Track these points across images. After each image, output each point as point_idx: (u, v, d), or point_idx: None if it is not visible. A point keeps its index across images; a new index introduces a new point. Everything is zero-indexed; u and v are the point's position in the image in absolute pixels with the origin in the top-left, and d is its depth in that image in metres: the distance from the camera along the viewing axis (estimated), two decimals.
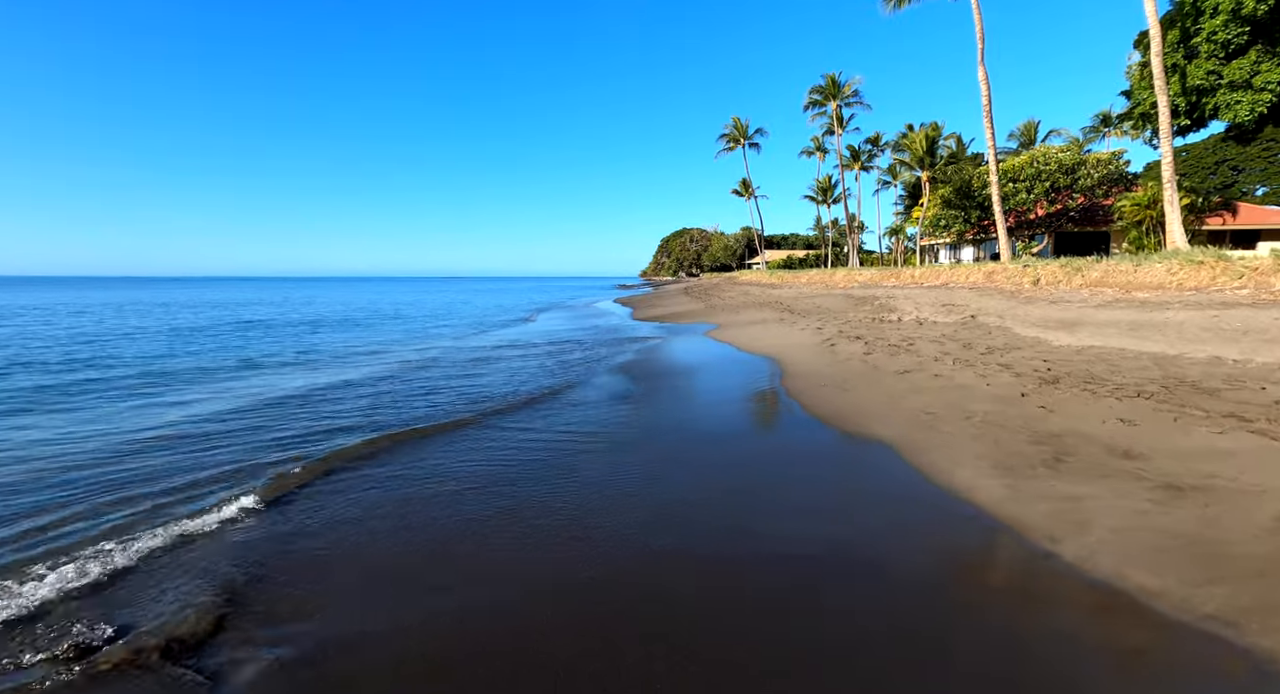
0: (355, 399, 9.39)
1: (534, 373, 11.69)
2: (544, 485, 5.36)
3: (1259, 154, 58.56)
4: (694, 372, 11.38)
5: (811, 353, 11.32)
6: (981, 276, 18.19)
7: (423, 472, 5.76)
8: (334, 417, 8.16)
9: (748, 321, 18.18)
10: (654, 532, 4.35)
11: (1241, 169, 59.87)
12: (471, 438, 6.98)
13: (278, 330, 22.23)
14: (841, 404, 7.66)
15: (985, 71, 20.91)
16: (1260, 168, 58.72)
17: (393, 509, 4.85)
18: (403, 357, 14.74)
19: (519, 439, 6.85)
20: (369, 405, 8.88)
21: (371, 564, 3.94)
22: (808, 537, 4.20)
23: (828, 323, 14.54)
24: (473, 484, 5.38)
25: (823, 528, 4.36)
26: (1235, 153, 59.49)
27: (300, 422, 7.85)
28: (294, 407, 8.85)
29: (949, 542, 4.10)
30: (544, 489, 5.26)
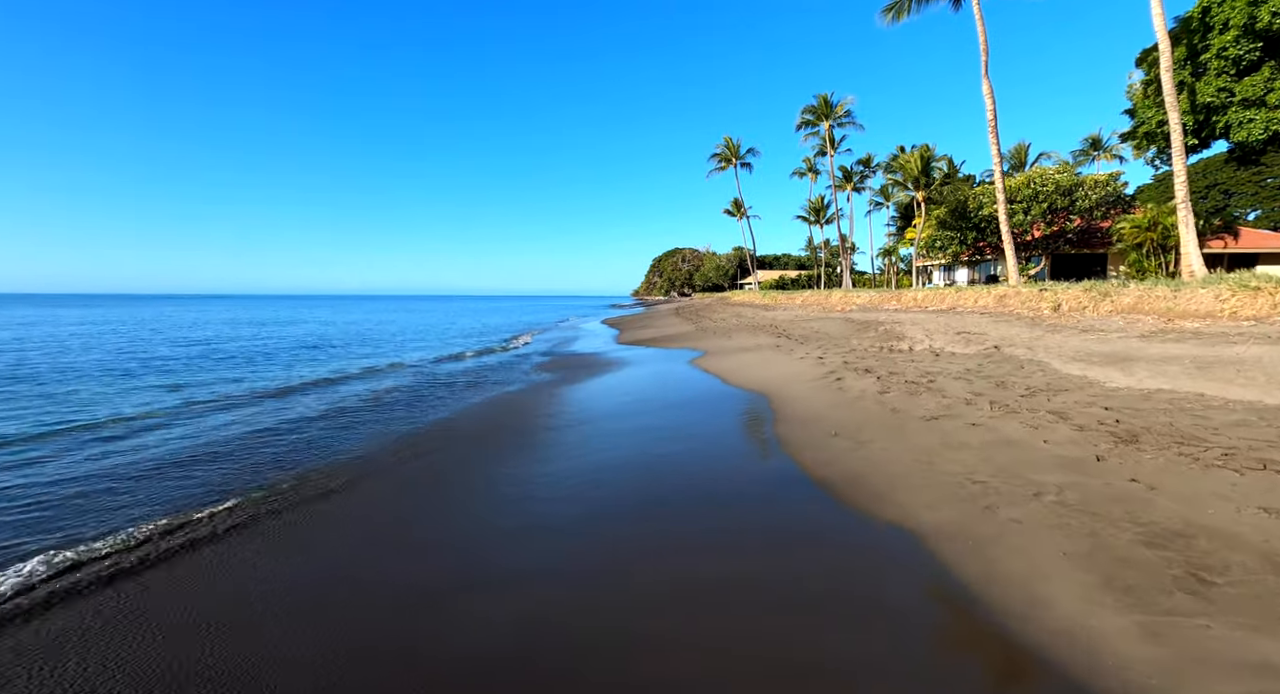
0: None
1: (467, 418, 9.91)
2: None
3: (1249, 178, 58.68)
4: (666, 412, 9.48)
5: (814, 389, 9.68)
6: (992, 300, 16.77)
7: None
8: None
9: (739, 347, 16.57)
10: None
11: (1233, 193, 59.81)
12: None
13: (199, 361, 20.32)
14: (857, 464, 5.99)
15: (990, 85, 19.86)
16: (1251, 192, 58.77)
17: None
18: (350, 392, 12.94)
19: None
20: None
21: None
22: None
23: (829, 351, 12.94)
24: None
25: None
26: (1226, 177, 59.54)
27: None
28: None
29: None
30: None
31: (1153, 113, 24.30)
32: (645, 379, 13.21)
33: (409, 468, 7.02)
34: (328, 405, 10.74)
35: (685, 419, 8.89)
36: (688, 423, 8.64)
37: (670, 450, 7.23)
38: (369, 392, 12.26)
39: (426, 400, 11.33)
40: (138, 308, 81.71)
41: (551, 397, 11.36)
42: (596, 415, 9.56)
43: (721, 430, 8.15)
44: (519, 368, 16.26)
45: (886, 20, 22.41)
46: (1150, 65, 24.22)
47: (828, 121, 53.82)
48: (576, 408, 10.20)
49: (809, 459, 6.36)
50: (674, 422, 8.75)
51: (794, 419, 8.13)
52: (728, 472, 6.37)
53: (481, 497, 5.94)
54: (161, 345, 23.06)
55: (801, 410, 8.52)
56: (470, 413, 10.18)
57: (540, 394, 11.79)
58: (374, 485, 6.43)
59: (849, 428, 7.29)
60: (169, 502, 5.82)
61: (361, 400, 11.28)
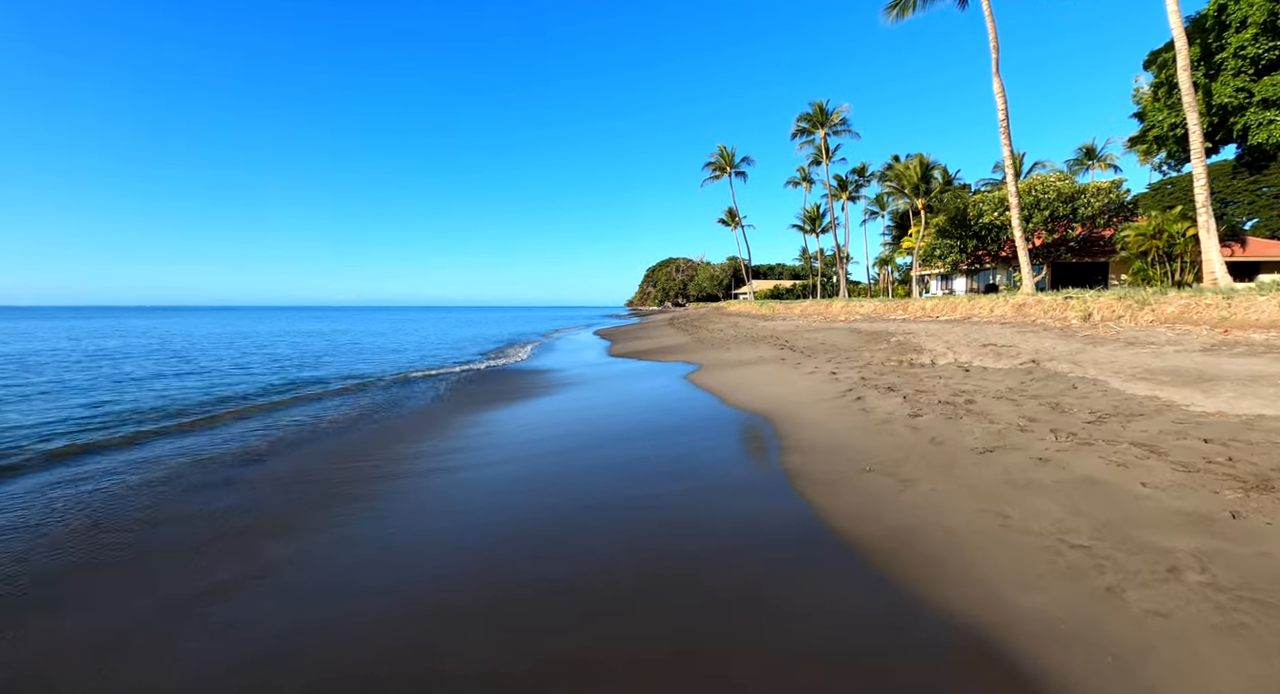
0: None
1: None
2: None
3: (1245, 187, 58.03)
4: (652, 440, 8.05)
5: (831, 410, 8.38)
6: (1010, 309, 15.63)
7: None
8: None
9: (739, 360, 15.29)
10: None
11: (1230, 202, 59.15)
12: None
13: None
14: (904, 515, 4.68)
15: (1001, 83, 18.89)
16: (1248, 200, 58.06)
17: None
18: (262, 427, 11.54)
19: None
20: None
21: None
22: None
23: (842, 365, 11.67)
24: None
25: None
26: (1222, 186, 59.03)
27: None
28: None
29: None
30: None
31: (1164, 115, 23.43)
32: (631, 398, 11.88)
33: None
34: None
35: (673, 448, 7.54)
36: (676, 453, 7.28)
37: (648, 493, 5.90)
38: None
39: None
40: (140, 319, 79.57)
41: (525, 416, 10.02)
42: (578, 445, 8.22)
43: (723, 460, 6.82)
44: (508, 382, 14.90)
45: (890, 18, 21.53)
46: (1161, 67, 23.41)
47: (823, 129, 53.22)
48: (551, 432, 8.88)
49: (834, 506, 5.04)
50: (661, 452, 7.40)
51: (809, 448, 6.81)
52: (719, 530, 4.85)
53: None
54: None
55: (818, 437, 7.22)
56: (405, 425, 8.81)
57: (509, 413, 10.45)
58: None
59: (883, 461, 5.99)
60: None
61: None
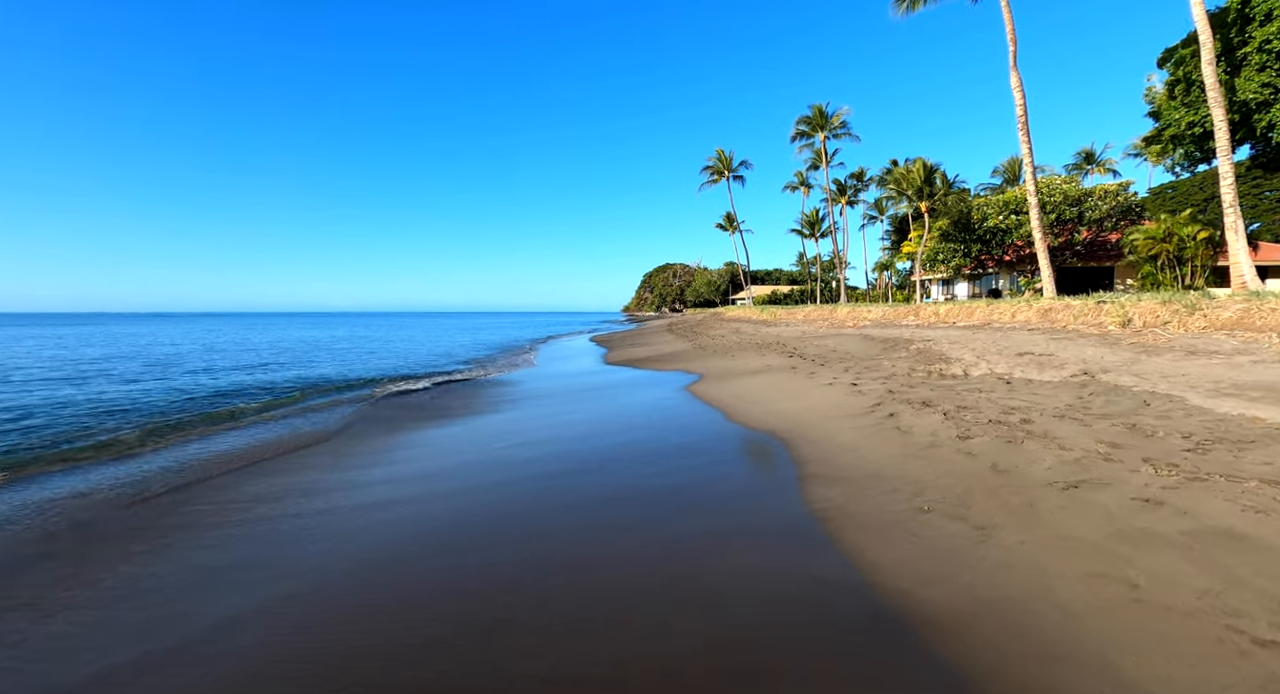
0: None
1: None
2: None
3: (1249, 191, 57.56)
4: (641, 467, 6.78)
5: (860, 429, 7.25)
6: (1034, 314, 14.59)
7: None
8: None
9: (745, 369, 14.17)
10: None
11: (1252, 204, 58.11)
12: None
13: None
14: (992, 582, 3.55)
15: (1019, 77, 17.92)
16: (1251, 204, 57.55)
17: None
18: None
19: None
20: None
21: None
22: None
23: (863, 376, 10.55)
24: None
25: None
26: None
27: None
28: None
29: None
30: None
31: (1181, 114, 22.60)
32: (622, 413, 10.69)
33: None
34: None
35: (668, 478, 6.36)
36: (670, 485, 6.10)
37: (625, 549, 4.73)
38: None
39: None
40: (143, 326, 78.03)
41: (520, 438, 8.85)
42: (546, 473, 7.05)
43: (723, 501, 5.58)
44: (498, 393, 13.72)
45: (900, 11, 20.63)
46: (1177, 64, 22.59)
47: (823, 132, 52.50)
48: (517, 453, 7.71)
49: (887, 566, 3.87)
50: (651, 481, 6.24)
51: (841, 477, 5.67)
52: (725, 608, 3.60)
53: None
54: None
55: (850, 464, 6.08)
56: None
57: (501, 428, 9.27)
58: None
59: (942, 497, 4.85)
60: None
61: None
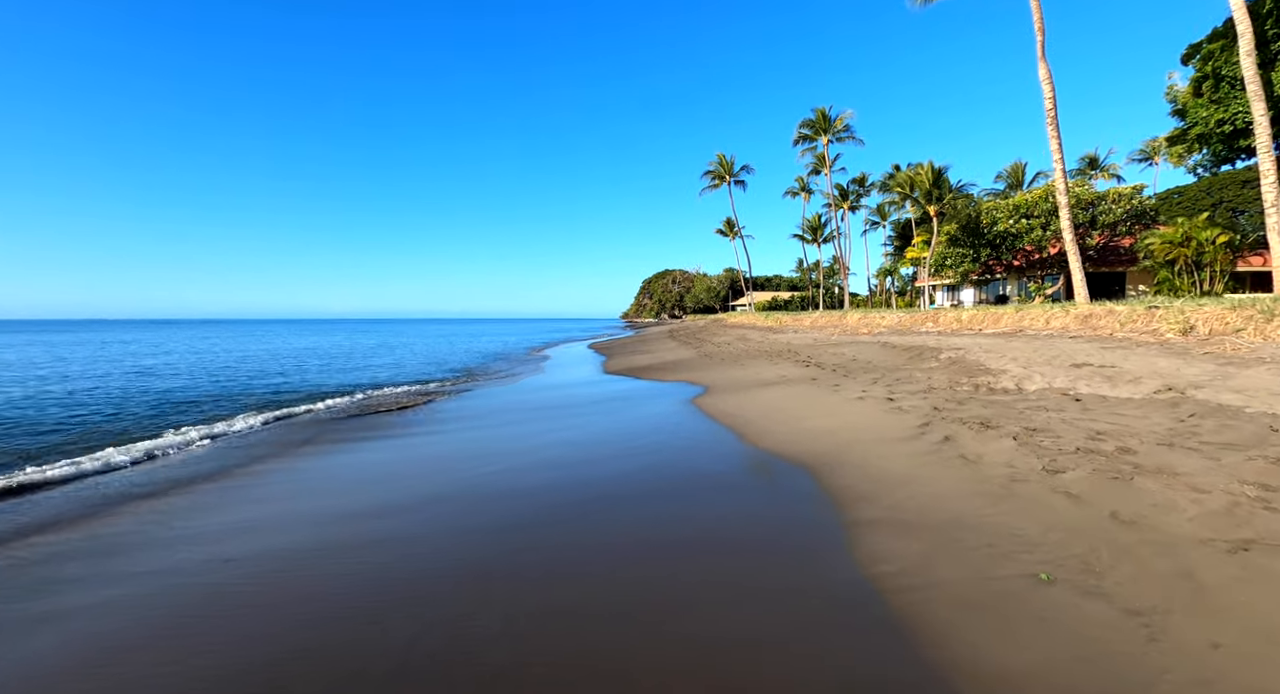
0: None
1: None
2: None
3: (1257, 196, 56.32)
4: (629, 510, 5.37)
5: (912, 457, 6.02)
6: (1072, 321, 13.42)
7: None
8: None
9: (759, 380, 12.94)
10: None
11: (1241, 211, 57.45)
12: None
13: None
14: None
15: (1048, 69, 16.84)
16: (1260, 209, 56.31)
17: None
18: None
19: None
20: None
21: None
22: None
23: (897, 388, 9.33)
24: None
25: None
26: (1233, 194, 57.23)
27: None
28: None
29: None
30: None
31: (1208, 111, 21.59)
32: (616, 431, 9.38)
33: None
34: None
35: (666, 529, 5.12)
36: (669, 541, 4.86)
37: (598, 644, 3.47)
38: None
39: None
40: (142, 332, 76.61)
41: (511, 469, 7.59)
42: (496, 526, 5.80)
43: (744, 563, 4.34)
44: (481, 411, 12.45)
45: (919, 1, 19.67)
46: (1205, 59, 21.60)
47: (826, 136, 51.58)
48: (464, 486, 6.46)
49: (1011, 665, 2.67)
50: (644, 530, 5.00)
51: (904, 523, 4.43)
52: None
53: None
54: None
55: (913, 504, 4.84)
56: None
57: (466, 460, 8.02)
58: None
59: (1059, 559, 3.61)
60: None
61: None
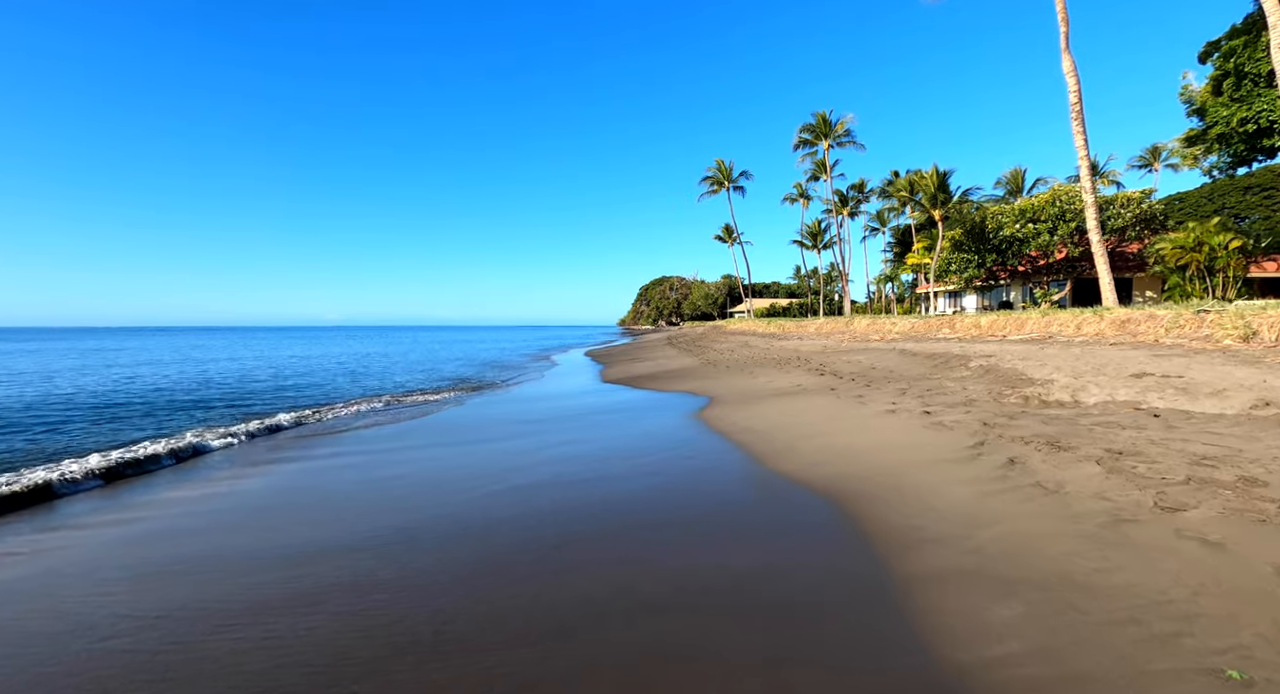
0: None
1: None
2: None
3: (1259, 202, 55.82)
4: (611, 570, 4.76)
5: (973, 484, 5.00)
6: (1107, 326, 12.50)
7: None
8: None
9: (771, 390, 11.93)
10: None
11: (1243, 217, 56.84)
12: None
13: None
14: None
15: (1072, 60, 15.97)
16: (1263, 216, 55.80)
17: None
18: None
19: None
20: None
21: None
22: None
23: (931, 401, 8.33)
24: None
25: None
26: (1235, 200, 56.65)
27: None
28: None
29: None
30: None
31: (1230, 110, 20.85)
32: (610, 449, 8.33)
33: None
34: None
35: (664, 601, 4.08)
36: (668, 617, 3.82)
37: None
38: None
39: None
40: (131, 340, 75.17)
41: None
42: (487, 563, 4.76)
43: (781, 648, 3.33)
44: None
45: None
46: (1226, 56, 20.87)
47: (826, 140, 50.95)
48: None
49: None
50: (634, 595, 3.96)
51: (991, 578, 3.44)
52: None
53: None
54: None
55: (994, 549, 3.84)
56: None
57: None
58: None
59: (1231, 640, 2.62)
60: None
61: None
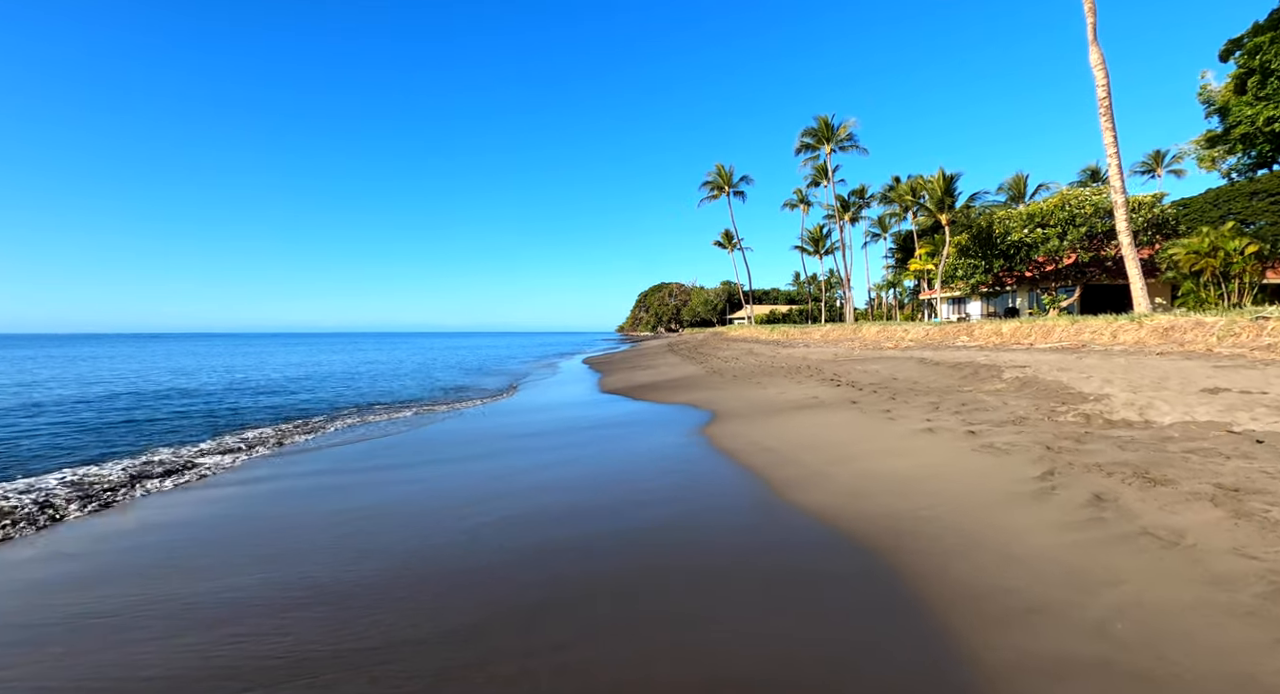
0: None
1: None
2: None
3: (1266, 208, 54.97)
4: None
5: (1055, 531, 4.03)
6: (1148, 334, 11.57)
7: None
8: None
9: (784, 403, 10.95)
10: None
11: (1250, 222, 56.00)
12: None
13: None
14: None
15: (1100, 53, 15.06)
16: (1270, 221, 54.91)
17: None
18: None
19: None
20: None
21: None
22: None
23: (972, 417, 7.35)
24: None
25: None
26: (1241, 206, 55.91)
27: None
28: None
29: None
30: None
31: (1257, 108, 20.04)
32: (598, 484, 7.32)
33: None
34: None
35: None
36: None
37: None
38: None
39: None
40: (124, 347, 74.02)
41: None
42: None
43: None
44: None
45: None
46: (1251, 53, 20.07)
47: (829, 145, 50.23)
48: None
49: None
50: None
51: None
52: None
53: None
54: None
55: (1140, 651, 2.86)
56: None
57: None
58: None
59: None
60: None
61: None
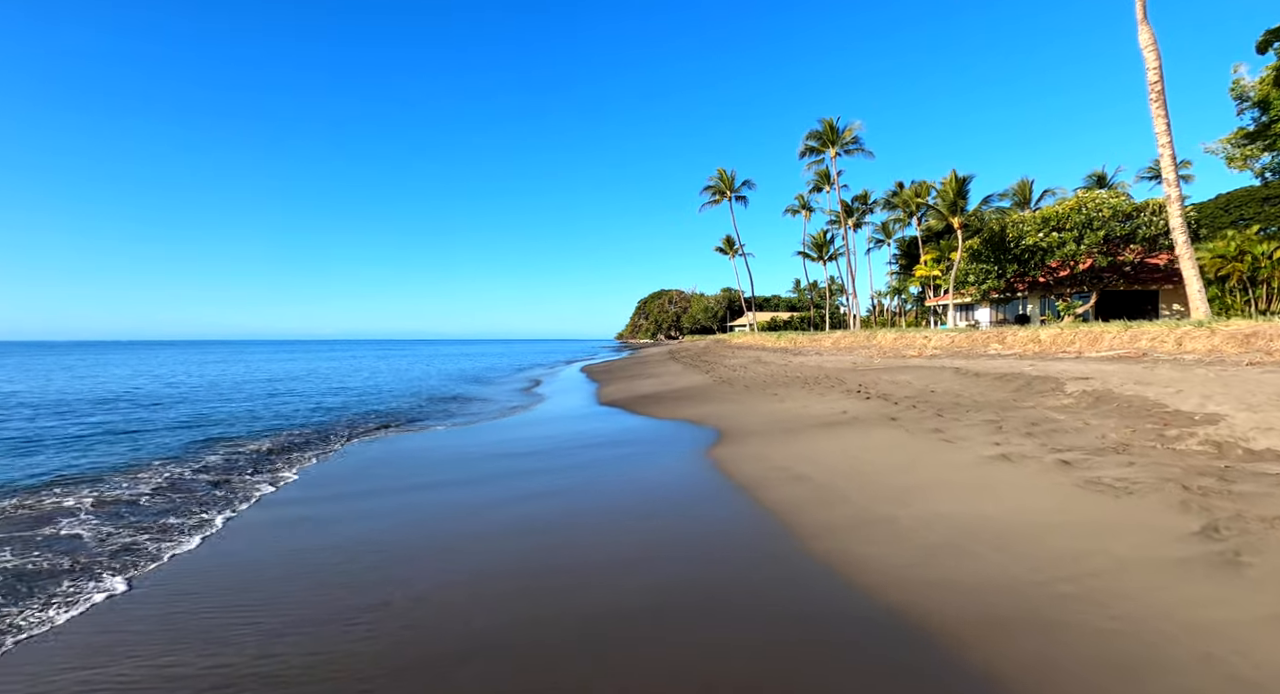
0: None
1: None
2: None
3: (1276, 213, 53.39)
4: None
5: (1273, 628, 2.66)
6: (1223, 341, 10.24)
7: None
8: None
9: (805, 418, 9.57)
10: None
11: (1264, 228, 54.45)
12: None
13: None
14: None
15: (1151, 33, 13.74)
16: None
17: None
18: None
19: None
20: None
21: None
22: None
23: (1054, 441, 5.95)
24: None
25: None
26: (1253, 211, 54.38)
27: None
28: None
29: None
30: None
31: None
32: (599, 518, 5.96)
33: None
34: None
35: None
36: None
37: None
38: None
39: None
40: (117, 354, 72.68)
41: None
42: None
43: None
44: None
45: None
46: None
47: (833, 148, 49.06)
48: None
49: None
50: None
51: None
52: None
53: None
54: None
55: None
56: None
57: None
58: None
59: None
60: None
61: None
